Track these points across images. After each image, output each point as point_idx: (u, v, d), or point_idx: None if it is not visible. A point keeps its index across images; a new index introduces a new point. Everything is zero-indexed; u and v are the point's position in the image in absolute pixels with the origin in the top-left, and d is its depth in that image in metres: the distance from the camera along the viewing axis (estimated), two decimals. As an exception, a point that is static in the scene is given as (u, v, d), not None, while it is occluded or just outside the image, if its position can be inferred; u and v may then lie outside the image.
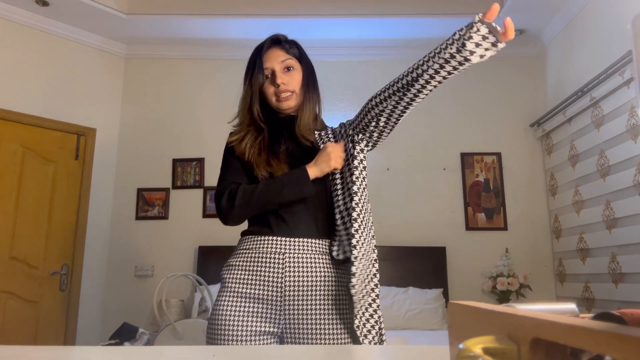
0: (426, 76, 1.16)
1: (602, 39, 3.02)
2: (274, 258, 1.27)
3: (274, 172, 1.33)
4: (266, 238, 1.29)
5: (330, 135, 1.42)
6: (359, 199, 1.28)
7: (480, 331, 0.38)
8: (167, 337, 2.34)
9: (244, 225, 1.41)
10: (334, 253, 1.29)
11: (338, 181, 1.34)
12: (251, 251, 1.29)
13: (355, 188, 1.29)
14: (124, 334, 2.60)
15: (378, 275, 1.28)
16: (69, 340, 3.50)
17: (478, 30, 1.07)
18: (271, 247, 1.28)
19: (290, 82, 1.38)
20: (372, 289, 1.27)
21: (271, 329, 1.25)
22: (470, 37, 1.08)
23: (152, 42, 4.04)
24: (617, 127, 2.84)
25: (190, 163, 3.94)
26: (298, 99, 1.40)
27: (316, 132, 1.41)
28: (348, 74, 4.06)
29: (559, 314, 0.38)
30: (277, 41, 1.42)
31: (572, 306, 0.41)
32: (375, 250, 1.31)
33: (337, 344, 1.23)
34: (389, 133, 1.33)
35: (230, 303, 1.25)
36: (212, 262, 3.65)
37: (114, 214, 3.89)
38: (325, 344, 1.22)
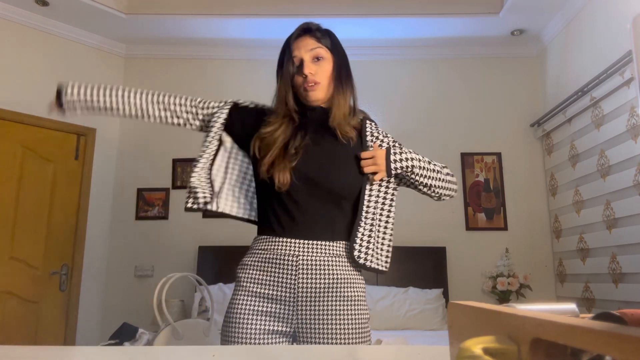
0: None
1: (602, 39, 3.01)
2: (287, 260, 1.25)
3: (273, 176, 1.27)
4: (279, 240, 1.28)
5: (375, 134, 1.40)
6: (393, 215, 1.37)
7: (480, 331, 0.38)
8: (167, 337, 2.34)
9: (254, 226, 1.41)
10: (356, 256, 1.29)
11: (374, 190, 1.35)
12: (266, 252, 1.28)
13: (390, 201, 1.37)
14: (124, 334, 2.59)
15: None
16: (69, 340, 3.49)
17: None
18: (285, 249, 1.26)
19: (319, 72, 1.31)
20: None
21: (284, 329, 1.25)
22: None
23: (152, 42, 4.04)
24: (617, 127, 2.84)
25: (190, 163, 3.93)
26: (325, 90, 1.33)
27: (368, 132, 1.39)
28: (348, 74, 4.05)
29: (559, 314, 0.38)
30: (308, 30, 1.35)
31: (572, 306, 0.41)
32: None
33: (348, 344, 1.23)
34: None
35: (244, 302, 1.26)
36: (212, 262, 3.65)
37: (114, 214, 3.89)
38: (336, 344, 1.22)
